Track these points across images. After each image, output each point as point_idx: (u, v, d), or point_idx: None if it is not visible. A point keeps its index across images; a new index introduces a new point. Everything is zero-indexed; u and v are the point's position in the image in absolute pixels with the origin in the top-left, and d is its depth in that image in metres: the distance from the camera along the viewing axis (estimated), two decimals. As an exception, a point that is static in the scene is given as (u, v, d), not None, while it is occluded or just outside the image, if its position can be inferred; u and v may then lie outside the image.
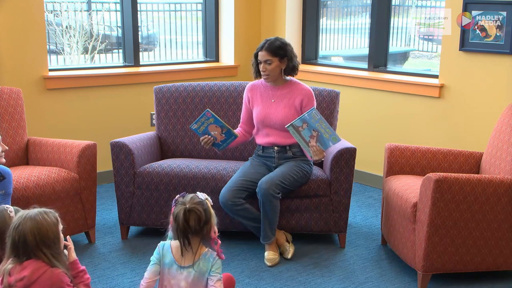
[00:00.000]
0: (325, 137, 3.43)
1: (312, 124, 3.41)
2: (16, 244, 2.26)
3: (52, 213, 2.34)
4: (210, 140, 3.57)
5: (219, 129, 3.55)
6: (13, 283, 2.20)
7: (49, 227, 2.28)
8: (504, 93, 4.07)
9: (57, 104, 4.66)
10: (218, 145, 3.62)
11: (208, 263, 2.49)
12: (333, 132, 3.44)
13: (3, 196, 3.10)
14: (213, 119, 3.51)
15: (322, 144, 3.44)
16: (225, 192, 3.50)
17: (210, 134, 3.56)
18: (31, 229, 2.24)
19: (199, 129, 3.55)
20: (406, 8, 5.59)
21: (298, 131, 3.44)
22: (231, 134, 3.58)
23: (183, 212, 2.44)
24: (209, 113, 3.51)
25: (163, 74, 5.14)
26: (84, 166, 3.66)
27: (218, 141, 3.59)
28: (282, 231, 3.68)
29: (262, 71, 3.60)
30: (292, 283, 3.31)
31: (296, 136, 3.46)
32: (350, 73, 5.05)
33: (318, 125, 3.41)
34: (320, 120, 3.41)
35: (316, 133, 3.42)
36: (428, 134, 4.54)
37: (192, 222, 2.44)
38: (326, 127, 3.42)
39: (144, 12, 5.64)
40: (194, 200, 2.49)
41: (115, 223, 4.07)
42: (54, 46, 5.63)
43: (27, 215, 2.29)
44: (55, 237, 2.30)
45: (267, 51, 3.57)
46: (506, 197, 3.15)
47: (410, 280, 3.34)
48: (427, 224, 3.11)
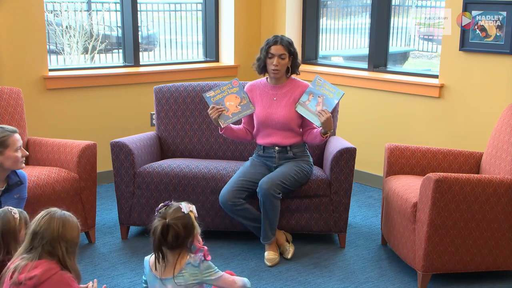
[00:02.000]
0: (330, 97, 3.49)
1: (316, 91, 3.50)
2: (35, 233, 2.29)
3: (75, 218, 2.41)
4: (220, 110, 3.52)
5: (239, 99, 3.50)
6: (23, 281, 2.21)
7: (74, 226, 2.36)
8: (504, 93, 4.07)
9: (57, 104, 4.66)
10: (226, 117, 3.53)
11: (195, 269, 2.42)
12: (336, 89, 3.50)
13: (18, 200, 3.11)
14: (238, 88, 3.50)
15: (328, 106, 3.50)
16: (225, 192, 3.49)
17: (224, 104, 3.50)
18: (58, 221, 2.31)
19: (214, 97, 3.49)
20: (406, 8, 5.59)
21: (305, 106, 3.51)
22: (248, 108, 3.55)
23: (160, 227, 2.37)
24: (236, 82, 3.48)
25: (163, 74, 5.14)
26: (84, 166, 3.66)
27: (229, 114, 3.52)
28: (282, 231, 3.68)
29: (274, 65, 3.56)
30: (292, 283, 3.31)
31: (304, 112, 3.53)
32: (350, 73, 5.05)
33: (323, 90, 3.49)
34: (324, 84, 3.50)
35: (321, 98, 3.50)
36: (428, 134, 4.54)
37: (169, 238, 2.37)
38: (330, 87, 3.51)
39: (144, 12, 5.64)
40: (175, 213, 2.40)
41: (115, 223, 4.07)
42: (54, 46, 5.63)
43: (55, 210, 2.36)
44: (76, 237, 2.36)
45: (283, 45, 3.57)
46: (506, 197, 3.15)
47: (410, 280, 3.34)
48: (427, 224, 3.11)
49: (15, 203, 3.00)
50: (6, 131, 3.05)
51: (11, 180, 3.10)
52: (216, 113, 3.51)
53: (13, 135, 3.06)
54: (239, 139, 3.81)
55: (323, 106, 3.49)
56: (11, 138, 3.04)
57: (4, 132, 3.03)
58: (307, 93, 3.55)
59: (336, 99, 3.49)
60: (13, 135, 3.06)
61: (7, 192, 3.09)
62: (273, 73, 3.60)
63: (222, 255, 3.62)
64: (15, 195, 3.11)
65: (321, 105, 3.49)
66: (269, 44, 3.59)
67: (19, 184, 3.13)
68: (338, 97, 3.49)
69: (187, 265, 2.42)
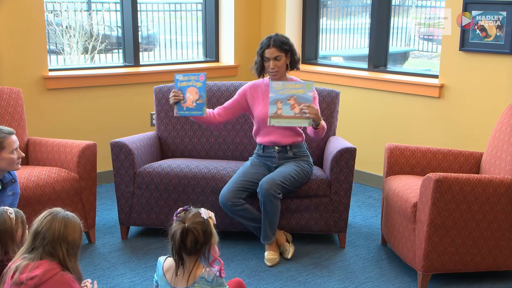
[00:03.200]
0: (301, 94, 3.28)
1: (281, 96, 3.30)
2: (37, 233, 2.28)
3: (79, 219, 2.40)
4: (178, 99, 3.44)
5: (197, 96, 3.39)
6: (24, 281, 2.21)
7: (76, 228, 2.34)
8: (504, 93, 4.07)
9: (57, 104, 4.66)
10: (180, 108, 3.44)
11: (208, 285, 2.35)
12: (302, 82, 3.30)
13: (13, 196, 3.14)
14: (201, 84, 3.36)
15: (305, 102, 3.32)
16: (225, 193, 3.49)
17: (185, 94, 3.41)
18: (60, 222, 2.30)
19: (181, 82, 3.40)
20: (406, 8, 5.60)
21: (280, 116, 3.34)
22: (200, 109, 3.40)
23: (180, 231, 2.31)
24: (203, 76, 3.36)
25: (163, 74, 5.14)
26: (84, 166, 3.66)
27: (184, 106, 3.43)
28: (282, 231, 3.68)
29: (271, 69, 3.55)
30: (292, 283, 3.31)
31: (284, 122, 3.35)
32: (350, 73, 5.05)
33: (287, 91, 3.28)
34: (285, 84, 3.30)
35: (292, 99, 3.29)
36: (428, 134, 4.54)
37: (188, 243, 2.32)
38: (294, 85, 3.30)
39: (144, 12, 5.65)
40: (195, 219, 2.36)
41: (115, 223, 4.07)
42: (54, 46, 5.63)
43: (57, 210, 2.35)
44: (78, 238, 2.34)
45: (276, 47, 3.55)
46: (506, 197, 3.15)
47: (410, 280, 3.34)
48: (427, 224, 3.11)
49: (10, 200, 3.06)
50: (2, 132, 3.05)
51: (5, 179, 3.12)
52: (173, 99, 3.45)
53: (10, 136, 3.06)
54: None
55: (300, 106, 3.32)
56: (7, 139, 3.04)
57: (0, 134, 3.04)
58: (272, 104, 3.35)
59: (309, 91, 3.28)
60: (10, 136, 3.06)
61: (3, 190, 3.10)
62: (272, 75, 3.61)
63: (222, 255, 3.56)
64: (9, 192, 3.13)
65: (297, 106, 3.32)
66: (262, 48, 3.59)
67: (13, 182, 3.15)
68: (310, 88, 3.27)
69: (200, 278, 2.36)
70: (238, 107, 3.73)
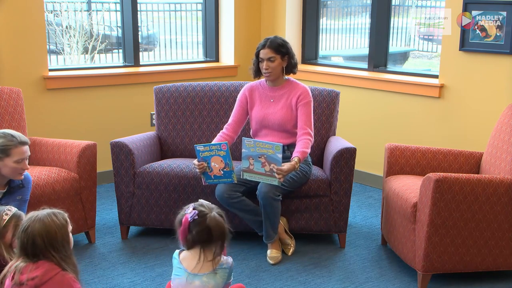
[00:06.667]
0: (270, 154, 3.31)
1: (253, 153, 3.34)
2: (24, 246, 2.26)
3: (61, 214, 2.33)
4: (204, 168, 3.44)
5: (222, 165, 3.40)
6: (24, 282, 2.21)
7: (58, 230, 2.28)
8: (504, 93, 4.07)
9: (57, 104, 4.66)
10: (208, 177, 3.47)
11: (225, 272, 2.48)
12: (270, 143, 3.32)
13: (20, 202, 3.10)
14: (225, 153, 3.37)
15: (275, 162, 3.32)
16: (222, 186, 3.49)
17: (210, 164, 3.43)
18: (39, 232, 2.24)
19: (203, 153, 3.41)
20: (406, 8, 5.59)
21: (252, 171, 3.38)
22: (229, 176, 3.42)
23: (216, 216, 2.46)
24: (225, 146, 3.37)
25: (163, 74, 5.14)
26: (84, 166, 3.66)
27: (212, 174, 3.45)
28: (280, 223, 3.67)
29: (265, 69, 3.59)
30: (292, 283, 3.31)
31: (255, 177, 3.39)
32: (350, 73, 5.05)
33: (258, 149, 3.32)
34: (256, 143, 3.33)
35: (263, 157, 3.33)
36: (428, 134, 4.54)
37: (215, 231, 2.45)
38: (263, 144, 3.33)
39: (144, 12, 5.64)
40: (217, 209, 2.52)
41: (115, 223, 4.07)
42: (54, 46, 5.63)
43: (36, 217, 2.28)
44: (63, 240, 2.29)
45: (270, 48, 3.58)
46: (506, 197, 3.15)
47: (410, 280, 3.34)
48: (427, 224, 3.11)
49: (16, 205, 2.98)
50: (13, 140, 2.99)
51: (13, 183, 3.10)
52: (200, 170, 3.45)
53: (21, 146, 3.00)
54: None
55: (270, 165, 3.32)
56: (16, 149, 2.98)
57: (11, 140, 2.98)
58: (245, 159, 3.37)
59: (279, 153, 3.30)
60: (21, 146, 3.00)
61: (9, 194, 3.08)
62: (265, 76, 3.62)
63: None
64: (17, 197, 3.11)
65: (267, 165, 3.33)
66: (258, 49, 3.63)
67: (21, 187, 3.12)
68: (279, 150, 3.29)
69: (221, 267, 2.47)
70: (244, 114, 3.74)
